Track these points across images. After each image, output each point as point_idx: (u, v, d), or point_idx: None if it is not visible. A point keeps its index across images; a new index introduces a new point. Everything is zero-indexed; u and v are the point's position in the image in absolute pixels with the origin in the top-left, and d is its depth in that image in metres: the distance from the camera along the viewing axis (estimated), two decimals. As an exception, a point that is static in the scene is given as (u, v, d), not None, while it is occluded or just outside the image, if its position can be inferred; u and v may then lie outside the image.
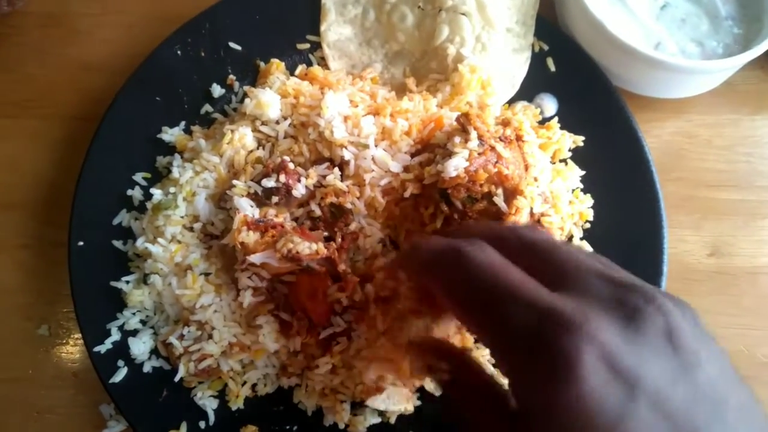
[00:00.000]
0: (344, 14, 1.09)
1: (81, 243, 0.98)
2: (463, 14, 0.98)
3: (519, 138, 0.95)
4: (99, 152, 1.03)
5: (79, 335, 0.95)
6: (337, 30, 1.09)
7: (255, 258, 0.87)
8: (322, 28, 1.10)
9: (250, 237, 0.89)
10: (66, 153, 1.14)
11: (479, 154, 0.89)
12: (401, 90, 1.08)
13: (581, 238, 1.01)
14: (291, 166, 0.94)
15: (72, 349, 1.04)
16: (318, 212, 0.93)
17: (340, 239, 0.93)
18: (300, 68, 1.08)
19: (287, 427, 0.94)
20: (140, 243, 0.96)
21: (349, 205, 0.93)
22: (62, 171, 1.12)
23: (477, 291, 0.54)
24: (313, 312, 0.89)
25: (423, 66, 1.08)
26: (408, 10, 1.05)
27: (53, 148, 1.15)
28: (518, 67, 1.10)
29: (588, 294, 0.50)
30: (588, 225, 1.02)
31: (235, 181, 0.95)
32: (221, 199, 0.98)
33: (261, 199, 0.93)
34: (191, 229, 0.98)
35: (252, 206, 0.93)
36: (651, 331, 0.48)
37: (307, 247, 0.86)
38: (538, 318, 0.48)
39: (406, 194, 0.95)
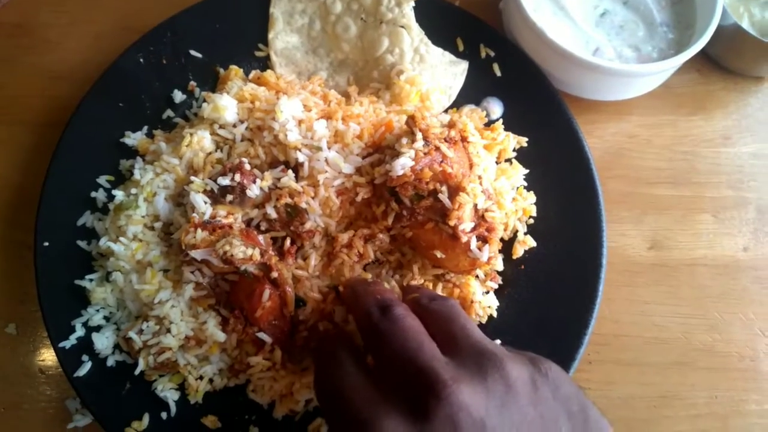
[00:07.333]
0: (291, 23, 1.13)
1: (46, 243, 1.00)
2: (402, 27, 1.03)
3: (464, 139, 1.00)
4: (64, 156, 1.05)
5: (46, 333, 0.97)
6: (284, 38, 1.13)
7: (195, 254, 0.90)
8: (270, 35, 1.13)
9: (198, 236, 0.92)
10: (33, 158, 1.17)
11: (425, 153, 0.94)
12: (345, 97, 1.12)
13: (525, 233, 1.06)
14: (247, 167, 0.97)
15: (39, 347, 1.06)
16: (273, 215, 0.96)
17: (289, 243, 0.97)
18: (253, 73, 1.12)
19: (246, 417, 0.97)
20: (103, 242, 0.99)
21: (304, 205, 0.96)
22: (29, 175, 1.15)
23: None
24: (249, 312, 0.93)
25: (365, 75, 1.11)
26: (351, 22, 1.09)
27: (20, 153, 1.18)
28: (454, 79, 1.15)
29: (390, 391, 0.65)
30: (531, 220, 1.07)
31: (192, 178, 0.98)
32: (179, 195, 1.01)
33: (216, 197, 0.96)
34: (152, 228, 1.01)
35: (206, 203, 0.96)
36: (435, 423, 0.58)
37: (242, 252, 0.89)
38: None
39: (358, 198, 0.99)
